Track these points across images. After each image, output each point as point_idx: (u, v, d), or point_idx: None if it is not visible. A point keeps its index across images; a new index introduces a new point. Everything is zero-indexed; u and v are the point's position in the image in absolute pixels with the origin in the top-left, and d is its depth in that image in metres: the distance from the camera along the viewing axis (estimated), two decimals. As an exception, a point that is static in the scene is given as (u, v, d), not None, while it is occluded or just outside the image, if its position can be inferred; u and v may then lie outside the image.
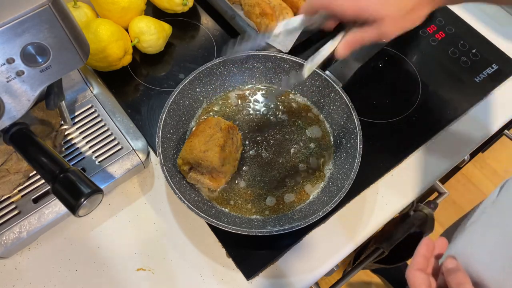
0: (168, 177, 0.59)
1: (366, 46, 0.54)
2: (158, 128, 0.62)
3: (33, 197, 0.60)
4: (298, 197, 0.64)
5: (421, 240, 0.49)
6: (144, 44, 0.73)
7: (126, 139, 0.65)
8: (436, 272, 0.49)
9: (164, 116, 0.63)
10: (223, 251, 0.62)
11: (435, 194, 0.84)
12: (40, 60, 0.45)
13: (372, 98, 0.75)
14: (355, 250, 0.68)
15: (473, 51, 0.80)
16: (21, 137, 0.49)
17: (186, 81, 0.66)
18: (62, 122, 0.64)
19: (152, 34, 0.72)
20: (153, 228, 0.64)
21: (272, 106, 0.70)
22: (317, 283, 0.68)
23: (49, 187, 0.55)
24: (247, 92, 0.72)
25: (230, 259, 0.61)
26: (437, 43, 0.81)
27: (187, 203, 0.57)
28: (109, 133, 0.66)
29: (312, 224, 0.58)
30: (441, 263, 0.48)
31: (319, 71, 0.67)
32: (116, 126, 0.66)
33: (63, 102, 0.57)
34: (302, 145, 0.67)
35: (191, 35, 0.81)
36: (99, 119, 0.67)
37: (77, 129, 0.66)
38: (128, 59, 0.73)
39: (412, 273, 0.46)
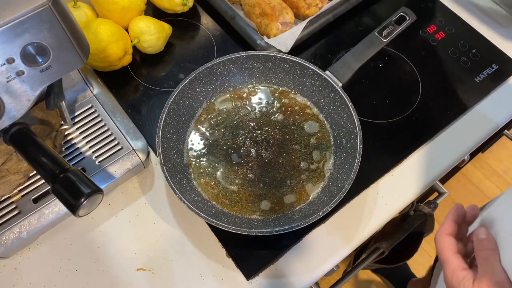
0: (168, 177, 0.59)
1: (365, 45, 0.54)
2: (158, 128, 0.62)
3: (33, 197, 0.60)
4: (298, 197, 0.64)
5: (453, 206, 0.49)
6: (144, 44, 0.73)
7: (126, 139, 0.65)
8: (466, 239, 0.49)
9: (164, 116, 0.63)
10: (223, 251, 0.62)
11: (435, 194, 0.84)
12: (40, 60, 0.45)
13: (372, 98, 0.75)
14: (355, 250, 0.68)
15: (473, 51, 0.80)
16: (21, 137, 0.49)
17: (186, 81, 0.66)
18: (62, 122, 0.64)
19: (152, 34, 0.72)
20: (153, 228, 0.64)
21: (272, 106, 0.70)
22: (317, 283, 0.68)
23: (49, 187, 0.55)
24: (247, 92, 0.72)
25: (230, 259, 0.61)
26: (437, 43, 0.81)
27: (187, 203, 0.57)
28: (109, 133, 0.66)
29: (312, 224, 0.58)
30: (472, 231, 0.47)
31: (319, 71, 0.67)
32: (116, 126, 0.66)
33: (63, 102, 0.57)
34: (302, 144, 0.67)
35: (191, 35, 0.81)
36: (99, 119, 0.67)
37: (77, 129, 0.66)
38: (128, 59, 0.73)
39: (440, 237, 0.47)
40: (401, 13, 0.72)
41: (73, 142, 0.65)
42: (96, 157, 0.64)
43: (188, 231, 0.63)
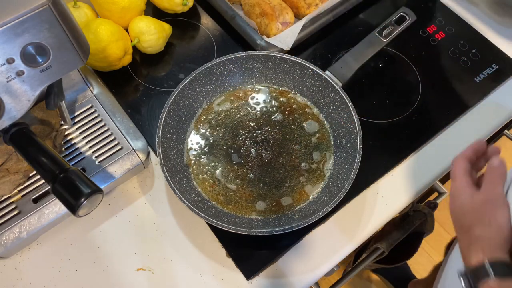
0: (168, 177, 0.59)
1: (365, 45, 0.54)
2: (158, 128, 0.62)
3: (33, 197, 0.60)
4: (298, 197, 0.64)
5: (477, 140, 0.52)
6: (144, 44, 0.73)
7: (126, 139, 0.65)
8: (481, 177, 0.51)
9: (164, 116, 0.63)
10: (223, 251, 0.62)
11: (435, 194, 0.84)
12: (40, 60, 0.45)
13: (372, 98, 0.75)
14: (355, 250, 0.68)
15: (473, 51, 0.80)
16: (21, 137, 0.49)
17: (186, 81, 0.66)
18: (62, 122, 0.64)
19: (152, 34, 0.72)
20: (153, 228, 0.64)
21: (272, 106, 0.70)
22: (317, 283, 0.68)
23: (49, 187, 0.55)
24: (247, 92, 0.72)
25: (230, 259, 0.61)
26: (437, 43, 0.81)
27: (187, 203, 0.57)
28: (109, 133, 0.66)
29: (312, 224, 0.58)
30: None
31: (319, 71, 0.67)
32: (116, 126, 0.66)
33: (63, 102, 0.57)
34: (302, 144, 0.67)
35: (191, 35, 0.81)
36: (99, 119, 0.67)
37: (77, 129, 0.66)
38: (128, 59, 0.73)
39: (457, 159, 0.51)
40: (401, 13, 0.72)
41: (73, 142, 0.65)
42: (96, 157, 0.64)
43: (188, 231, 0.63)
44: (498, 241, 0.44)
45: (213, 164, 0.66)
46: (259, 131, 0.68)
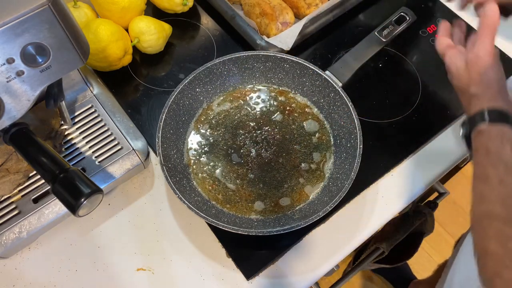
0: (168, 177, 0.59)
1: (365, 45, 0.55)
2: (158, 128, 0.62)
3: (33, 197, 0.60)
4: (298, 197, 0.64)
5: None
6: (144, 44, 0.73)
7: (126, 139, 0.65)
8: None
9: (164, 116, 0.63)
10: (223, 251, 0.62)
11: (435, 194, 0.84)
12: (40, 60, 0.45)
13: (372, 98, 0.75)
14: (355, 250, 0.68)
15: (473, 51, 0.80)
16: (21, 137, 0.49)
17: (186, 81, 0.66)
18: (62, 122, 0.64)
19: (152, 34, 0.72)
20: (153, 228, 0.64)
21: (272, 106, 0.70)
22: (317, 283, 0.68)
23: (49, 187, 0.55)
24: (247, 92, 0.72)
25: (230, 259, 0.61)
26: (437, 43, 0.81)
27: (187, 203, 0.57)
28: (109, 133, 0.66)
29: (312, 224, 0.58)
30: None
31: (319, 71, 0.67)
32: (116, 126, 0.66)
33: (63, 102, 0.57)
34: (302, 145, 0.67)
35: (191, 35, 0.81)
36: (99, 119, 0.67)
37: (77, 129, 0.66)
38: (128, 59, 0.73)
39: (436, 41, 0.56)
40: (401, 13, 0.72)
41: (73, 142, 0.65)
42: (96, 157, 0.64)
43: (188, 231, 0.63)
44: (492, 94, 0.48)
45: (213, 164, 0.66)
46: (259, 131, 0.68)
